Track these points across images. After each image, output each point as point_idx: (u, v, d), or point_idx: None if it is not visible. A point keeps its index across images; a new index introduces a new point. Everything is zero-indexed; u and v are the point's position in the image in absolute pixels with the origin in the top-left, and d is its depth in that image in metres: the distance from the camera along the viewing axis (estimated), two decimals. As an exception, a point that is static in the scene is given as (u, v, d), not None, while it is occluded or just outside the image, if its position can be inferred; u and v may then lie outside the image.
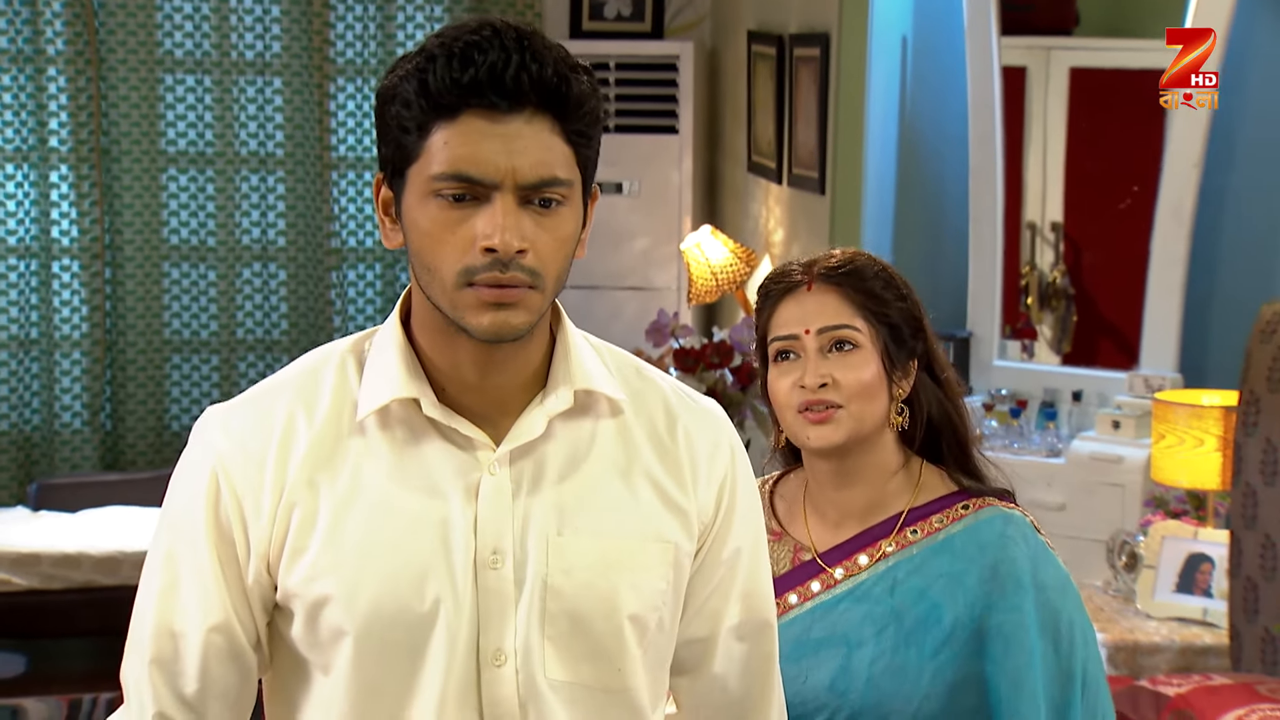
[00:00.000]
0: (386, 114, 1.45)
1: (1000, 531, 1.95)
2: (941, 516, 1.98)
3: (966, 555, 1.94)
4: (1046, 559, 1.96)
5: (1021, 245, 5.29)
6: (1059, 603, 1.94)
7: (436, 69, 1.42)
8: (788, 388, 1.97)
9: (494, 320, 1.44)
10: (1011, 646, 1.91)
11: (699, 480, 1.57)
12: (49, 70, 5.99)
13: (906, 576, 1.96)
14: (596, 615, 1.51)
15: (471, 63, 1.41)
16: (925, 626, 1.93)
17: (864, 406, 1.95)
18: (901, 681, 1.92)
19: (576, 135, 1.45)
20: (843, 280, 1.97)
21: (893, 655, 1.93)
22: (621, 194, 6.05)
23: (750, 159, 5.81)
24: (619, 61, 6.01)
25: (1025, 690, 1.90)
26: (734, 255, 5.42)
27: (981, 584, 1.92)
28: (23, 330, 6.09)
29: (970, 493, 2.00)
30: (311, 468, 1.50)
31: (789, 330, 1.97)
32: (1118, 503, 4.58)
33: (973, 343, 5.16)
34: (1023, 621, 1.91)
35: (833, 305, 1.96)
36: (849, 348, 1.95)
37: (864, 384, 1.94)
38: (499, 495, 1.50)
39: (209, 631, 1.51)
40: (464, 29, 1.43)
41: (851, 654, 1.94)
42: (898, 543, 1.98)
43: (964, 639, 1.92)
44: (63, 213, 6.07)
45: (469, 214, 1.43)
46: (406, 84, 1.44)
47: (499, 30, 1.42)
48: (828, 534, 2.03)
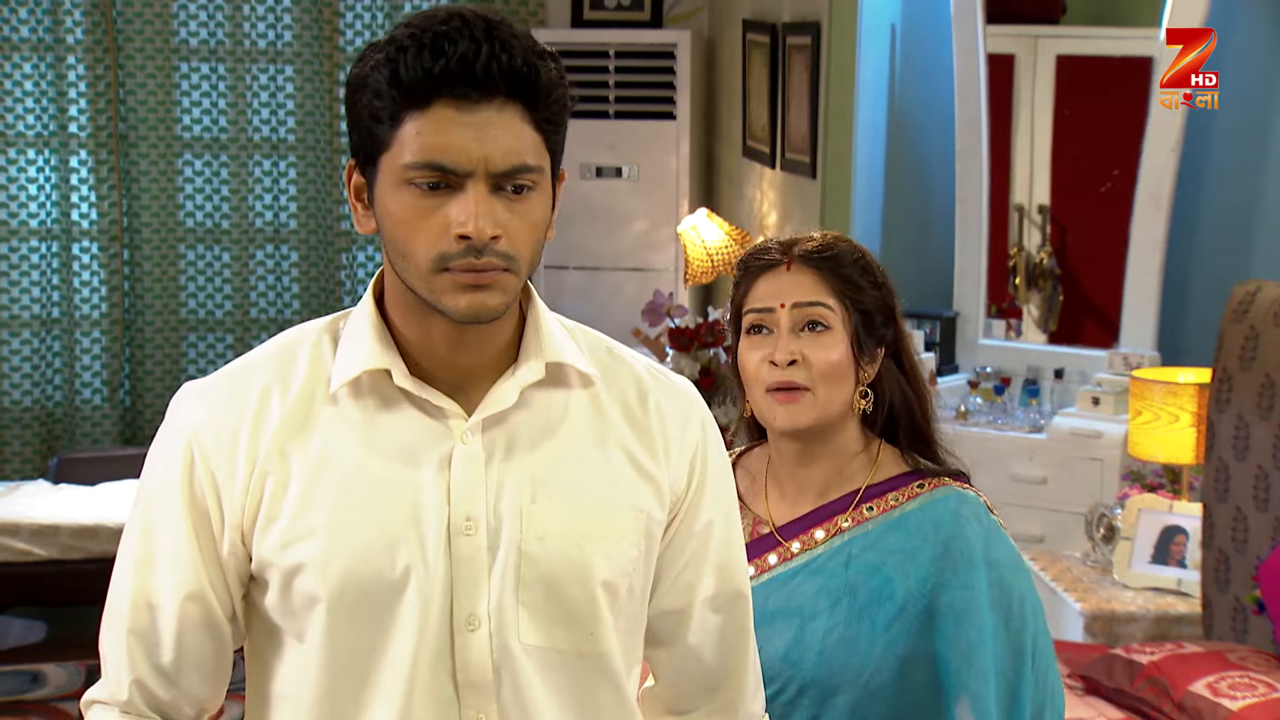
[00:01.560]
0: (357, 103, 1.46)
1: (955, 510, 1.97)
2: (897, 494, 2.00)
3: (921, 532, 1.96)
4: (999, 537, 1.98)
5: (1010, 227, 5.34)
6: (1011, 580, 1.95)
7: (407, 59, 1.42)
8: (757, 361, 1.99)
9: (471, 302, 1.45)
10: (963, 622, 1.92)
11: (670, 451, 1.58)
12: (68, 59, 6.14)
13: (861, 551, 1.98)
14: (570, 581, 1.51)
15: (442, 53, 1.41)
16: (878, 601, 1.94)
17: (831, 390, 1.97)
18: (853, 654, 1.94)
19: (545, 122, 1.46)
20: (821, 263, 1.99)
21: (845, 628, 1.95)
22: (621, 178, 6.16)
23: (745, 144, 5.91)
24: (619, 50, 6.11)
25: (976, 665, 1.91)
26: (729, 237, 5.53)
27: (934, 560, 1.94)
28: (44, 310, 6.25)
29: (925, 473, 2.02)
30: (284, 438, 1.50)
31: (764, 303, 1.99)
32: (1097, 477, 4.67)
33: (959, 322, 5.25)
34: (975, 598, 1.92)
35: (809, 284, 1.98)
36: (820, 328, 1.97)
37: (832, 365, 1.97)
38: (471, 463, 1.50)
39: (184, 601, 1.51)
40: (433, 18, 1.43)
41: (805, 625, 1.96)
42: (854, 518, 2.00)
43: (915, 614, 1.93)
44: (82, 196, 6.22)
45: (442, 201, 1.44)
46: (377, 73, 1.43)
47: (468, 20, 1.42)
48: (786, 509, 2.04)
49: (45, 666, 5.08)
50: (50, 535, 5.08)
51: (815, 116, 5.11)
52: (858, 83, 5.05)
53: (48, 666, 5.07)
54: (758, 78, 5.69)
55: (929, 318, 5.22)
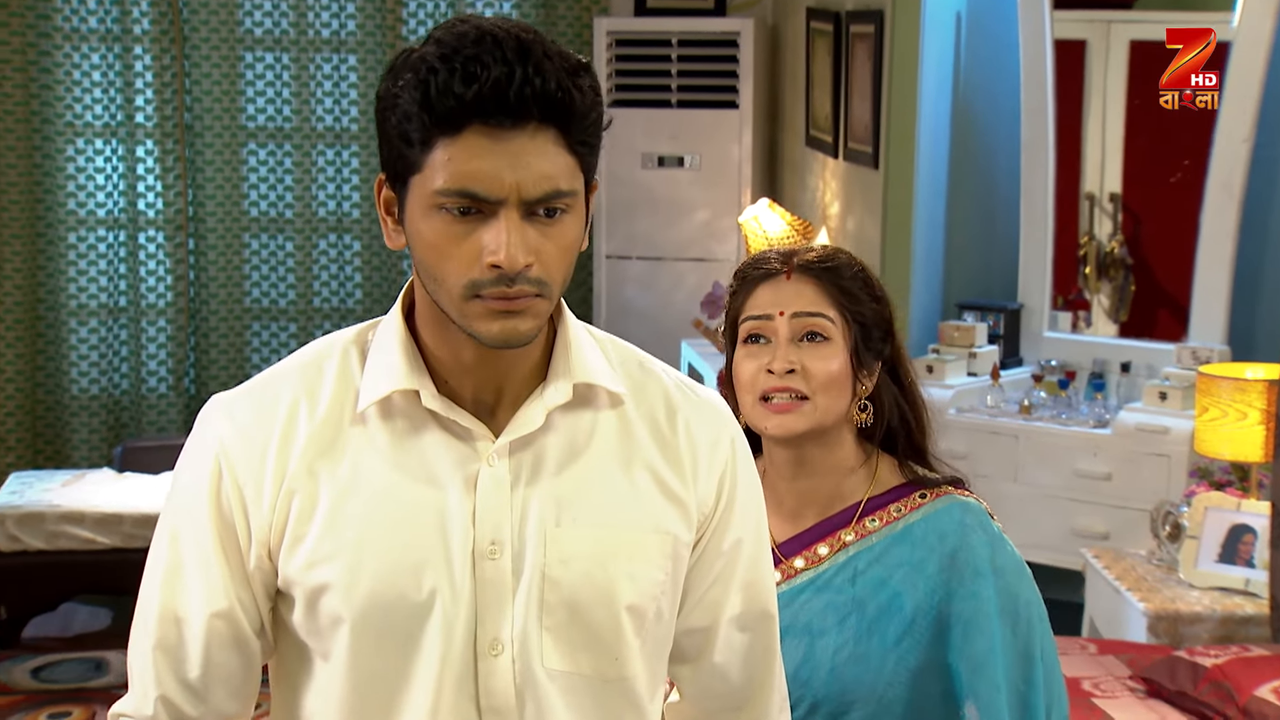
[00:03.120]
0: (386, 121, 1.43)
1: (959, 520, 1.95)
2: (899, 506, 1.99)
3: (926, 544, 1.95)
4: (1002, 545, 1.97)
5: (1080, 216, 5.29)
6: (1016, 586, 1.95)
7: (438, 83, 1.38)
8: (753, 370, 1.98)
9: (503, 328, 1.43)
10: (972, 632, 1.91)
11: (699, 471, 1.56)
12: (135, 49, 6.19)
13: (867, 566, 1.96)
14: (595, 605, 1.50)
15: (474, 78, 1.38)
16: (887, 615, 1.94)
17: (829, 399, 1.96)
18: (865, 670, 1.92)
19: (580, 145, 1.43)
20: (821, 273, 1.98)
21: (855, 644, 1.93)
22: (683, 168, 6.14)
23: (808, 133, 5.87)
24: (681, 38, 6.08)
25: (986, 674, 1.91)
26: (791, 228, 5.50)
27: (941, 571, 1.93)
28: (111, 299, 6.31)
29: (925, 483, 2.00)
30: (313, 456, 1.49)
31: (763, 311, 1.98)
32: (1163, 473, 4.61)
33: (1023, 314, 5.18)
34: (983, 607, 1.92)
35: (810, 294, 1.97)
36: (820, 339, 1.96)
37: (831, 375, 1.95)
38: (497, 486, 1.49)
39: (211, 617, 1.50)
40: (465, 37, 1.40)
41: (814, 643, 1.95)
42: (857, 532, 1.98)
43: (925, 626, 1.93)
44: (148, 186, 6.27)
45: (474, 227, 1.41)
46: (407, 95, 1.40)
47: (500, 40, 1.39)
48: (786, 524, 2.02)
49: (109, 654, 5.14)
50: (114, 524, 5.14)
51: (878, 106, 5.06)
52: (921, 71, 5.00)
53: (111, 654, 5.13)
54: (821, 66, 5.65)
55: (993, 310, 5.16)
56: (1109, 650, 3.92)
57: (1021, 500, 4.78)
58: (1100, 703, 3.59)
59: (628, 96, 6.14)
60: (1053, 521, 4.73)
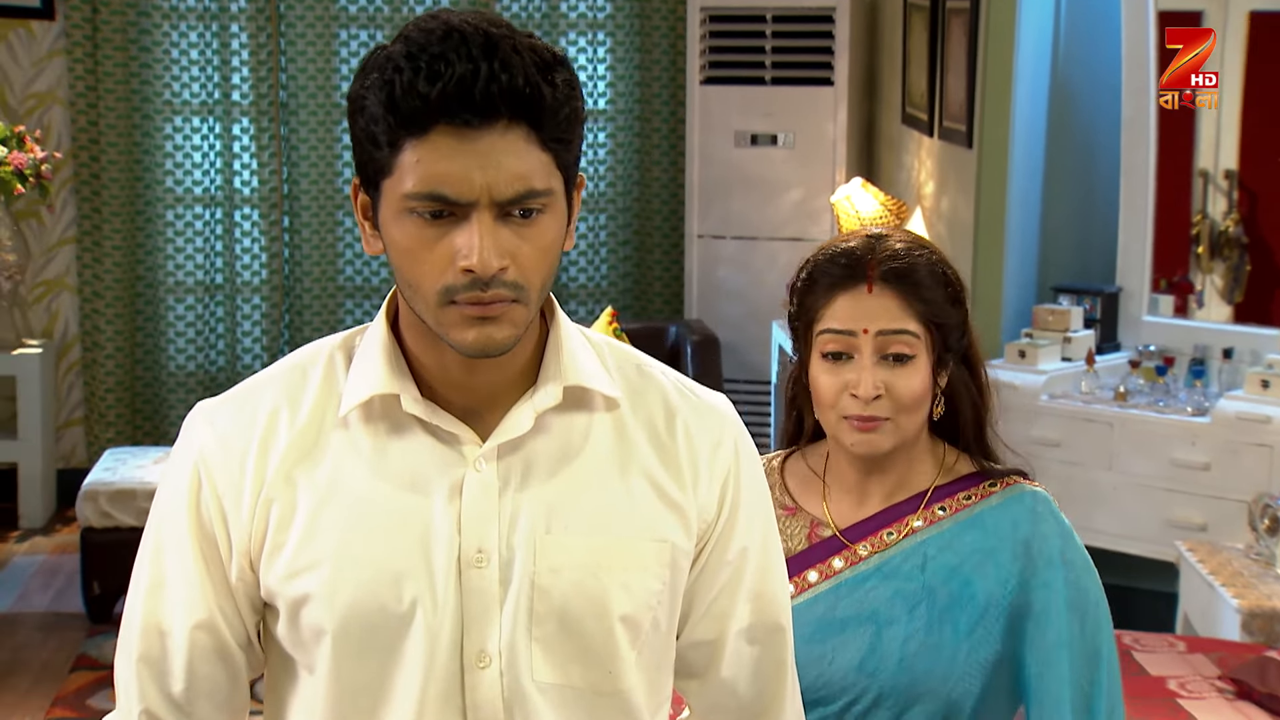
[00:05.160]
0: (355, 124, 1.40)
1: (1031, 508, 1.92)
2: (969, 494, 1.95)
3: (999, 532, 1.91)
4: (1072, 538, 1.93)
5: (1192, 194, 5.14)
6: (1086, 581, 1.91)
7: (402, 82, 1.34)
8: (836, 389, 1.91)
9: (478, 336, 1.39)
10: (1043, 623, 1.88)
11: (699, 477, 1.51)
12: (232, 27, 6.24)
13: (938, 553, 1.92)
14: (586, 616, 1.45)
15: (438, 76, 1.34)
16: (959, 604, 1.89)
17: (912, 417, 1.91)
18: (936, 660, 1.88)
19: (554, 141, 1.38)
20: (904, 285, 1.90)
21: (926, 634, 1.88)
22: (777, 146, 6.05)
23: (904, 111, 5.76)
24: (776, 14, 5.99)
25: (1053, 668, 1.87)
26: (884, 208, 5.41)
27: (1014, 560, 1.89)
28: (208, 276, 6.38)
29: (992, 473, 1.97)
30: (291, 463, 1.46)
31: (845, 325, 1.90)
32: (1264, 464, 4.43)
33: (1121, 297, 5.04)
34: (1053, 599, 1.88)
35: (894, 309, 1.90)
36: (905, 359, 1.90)
37: (916, 396, 1.90)
38: (484, 492, 1.45)
39: (193, 629, 1.47)
40: (431, 34, 1.36)
41: (881, 632, 1.90)
42: (926, 519, 1.94)
43: (997, 616, 1.89)
44: (244, 164, 6.32)
45: (446, 230, 1.37)
46: (373, 96, 1.37)
47: (467, 37, 1.35)
48: (850, 510, 1.97)
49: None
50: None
51: (972, 83, 4.95)
52: (1017, 48, 4.88)
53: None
54: (917, 42, 5.54)
55: (1089, 293, 5.02)
56: (1198, 648, 3.80)
57: (1115, 489, 4.66)
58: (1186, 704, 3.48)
59: (721, 74, 6.07)
60: (1147, 512, 4.60)
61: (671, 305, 6.47)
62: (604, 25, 6.36)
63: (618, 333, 5.76)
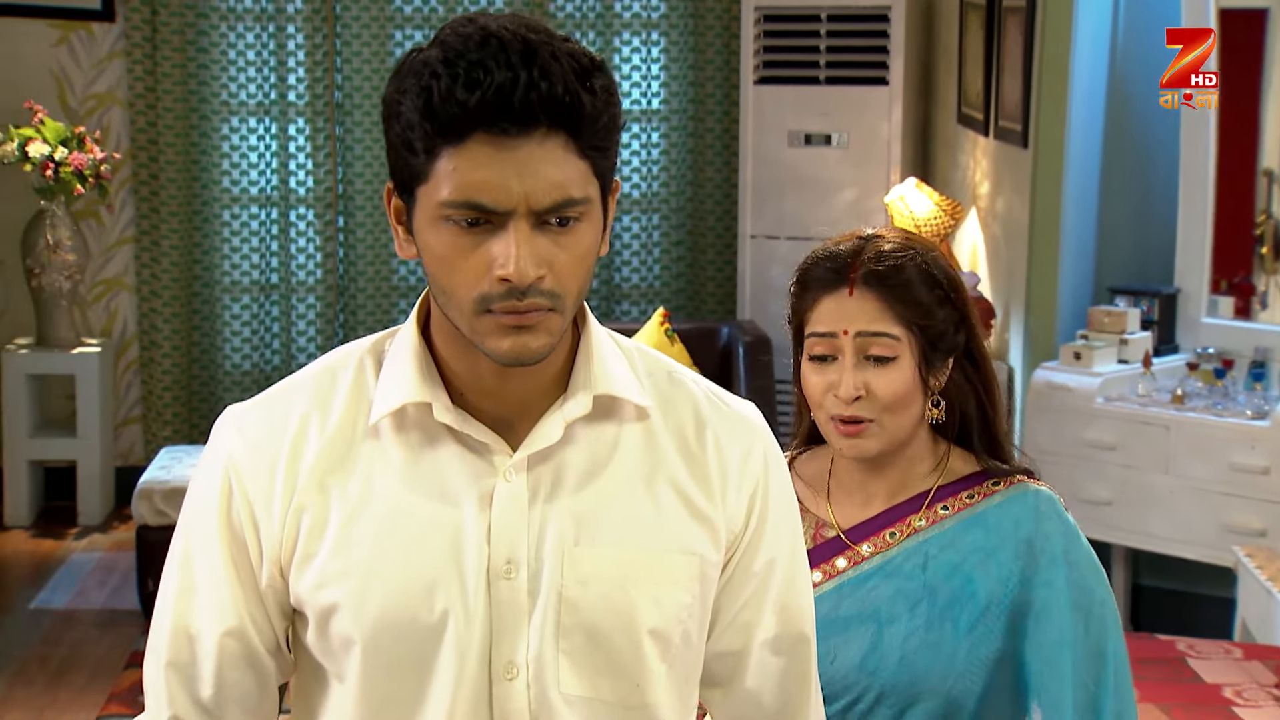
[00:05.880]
0: (390, 129, 1.39)
1: (1034, 507, 1.93)
2: (972, 493, 1.96)
3: (1000, 530, 1.92)
4: (1077, 538, 1.93)
5: (1256, 194, 5.06)
6: (1091, 581, 1.91)
7: (440, 89, 1.33)
8: (821, 389, 1.93)
9: (514, 345, 1.38)
10: (1043, 622, 1.88)
11: (728, 489, 1.50)
12: (288, 28, 6.27)
13: (939, 551, 1.93)
14: (614, 629, 1.44)
15: (477, 84, 1.32)
16: (960, 602, 1.90)
17: (897, 417, 1.92)
18: (936, 659, 1.89)
19: (592, 150, 1.37)
20: (884, 287, 1.91)
21: (927, 632, 1.90)
22: (831, 146, 6.01)
23: (960, 111, 5.71)
24: (831, 13, 5.95)
25: (1055, 667, 1.88)
26: (938, 208, 5.36)
27: (1016, 559, 1.90)
28: (263, 275, 6.41)
29: (996, 472, 1.97)
30: (323, 471, 1.45)
31: (827, 328, 1.92)
32: (1325, 468, 4.40)
33: (1179, 299, 4.97)
34: (1055, 597, 1.89)
35: (873, 311, 1.90)
36: (886, 360, 1.91)
37: (898, 396, 1.91)
38: (514, 503, 1.44)
39: (223, 636, 1.47)
40: (469, 40, 1.34)
41: (883, 631, 1.91)
42: (928, 518, 1.95)
43: (999, 615, 1.89)
44: (299, 164, 6.35)
45: (483, 238, 1.36)
46: (409, 103, 1.35)
47: (505, 43, 1.33)
48: (854, 511, 1.99)
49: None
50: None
51: (1028, 82, 4.90)
52: (1074, 46, 4.82)
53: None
54: (973, 41, 5.49)
55: (1146, 294, 4.96)
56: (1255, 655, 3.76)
57: (1172, 493, 4.60)
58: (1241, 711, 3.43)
59: (775, 74, 6.04)
60: (1205, 516, 4.54)
61: (724, 306, 6.45)
62: (658, 25, 6.35)
63: (669, 333, 5.74)
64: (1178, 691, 3.54)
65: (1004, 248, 5.22)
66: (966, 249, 5.63)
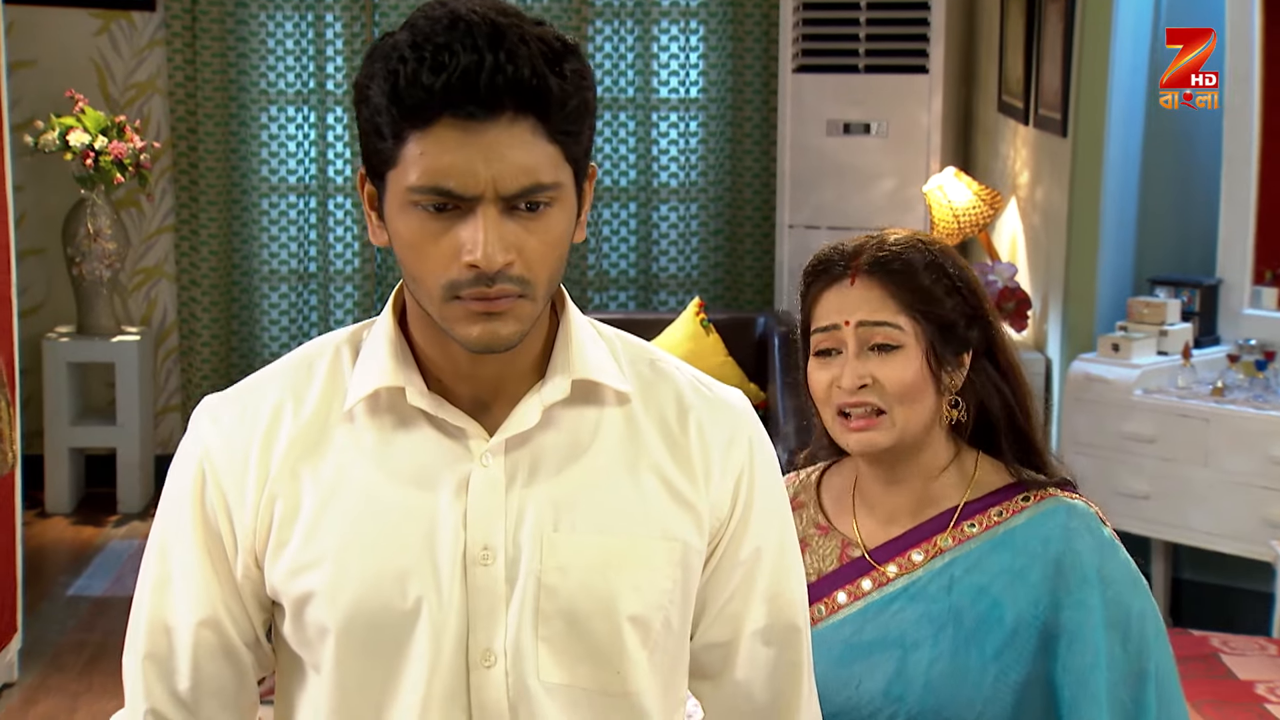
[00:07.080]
0: (360, 114, 1.38)
1: (1064, 524, 1.84)
2: (1000, 509, 1.88)
3: (1029, 550, 1.84)
4: (1113, 551, 1.85)
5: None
6: (1128, 597, 1.83)
7: (406, 73, 1.32)
8: (826, 384, 1.88)
9: (483, 332, 1.36)
10: (1076, 644, 1.81)
11: (712, 475, 1.48)
12: (326, 16, 6.27)
13: (965, 573, 1.86)
14: (594, 616, 1.42)
15: (443, 67, 1.31)
16: (986, 626, 1.83)
17: (909, 409, 1.85)
18: (962, 685, 1.82)
19: (562, 134, 1.35)
20: (888, 276, 1.85)
21: (952, 657, 1.83)
22: (870, 134, 5.96)
23: (1000, 99, 5.65)
24: (870, 1, 5.91)
25: (1089, 692, 1.80)
26: (977, 197, 5.31)
27: (1045, 580, 1.82)
28: (301, 264, 6.42)
29: (1029, 484, 1.89)
30: (296, 458, 1.44)
31: (828, 320, 1.87)
32: (1369, 463, 4.33)
33: (1221, 290, 4.91)
34: (1088, 618, 1.81)
35: (876, 300, 1.84)
36: (890, 349, 1.85)
37: (906, 385, 1.84)
38: (491, 488, 1.42)
39: (198, 626, 1.46)
40: (436, 24, 1.33)
41: (907, 656, 1.84)
42: (954, 538, 1.88)
43: (1028, 639, 1.82)
44: (337, 153, 6.36)
45: (451, 224, 1.35)
46: (377, 87, 1.34)
47: (472, 26, 1.32)
48: (878, 530, 1.92)
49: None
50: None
51: (1068, 70, 4.83)
52: (1114, 33, 4.76)
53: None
54: (1014, 28, 5.43)
55: (1187, 285, 4.89)
56: (1291, 652, 3.70)
57: (1211, 486, 4.53)
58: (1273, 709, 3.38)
59: (813, 62, 5.99)
60: (1244, 510, 4.48)
61: (762, 295, 6.41)
62: (696, 13, 6.31)
63: (704, 324, 5.71)
64: (1209, 688, 3.49)
65: (1043, 238, 5.17)
66: (1006, 239, 5.58)
